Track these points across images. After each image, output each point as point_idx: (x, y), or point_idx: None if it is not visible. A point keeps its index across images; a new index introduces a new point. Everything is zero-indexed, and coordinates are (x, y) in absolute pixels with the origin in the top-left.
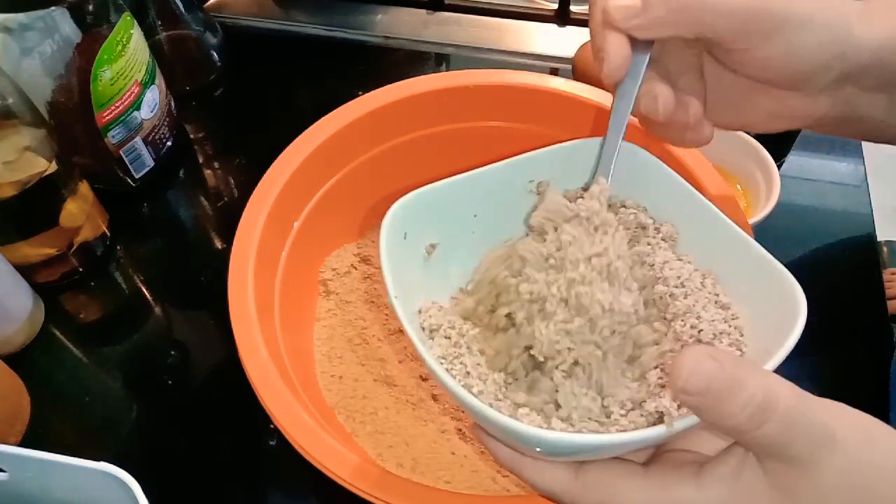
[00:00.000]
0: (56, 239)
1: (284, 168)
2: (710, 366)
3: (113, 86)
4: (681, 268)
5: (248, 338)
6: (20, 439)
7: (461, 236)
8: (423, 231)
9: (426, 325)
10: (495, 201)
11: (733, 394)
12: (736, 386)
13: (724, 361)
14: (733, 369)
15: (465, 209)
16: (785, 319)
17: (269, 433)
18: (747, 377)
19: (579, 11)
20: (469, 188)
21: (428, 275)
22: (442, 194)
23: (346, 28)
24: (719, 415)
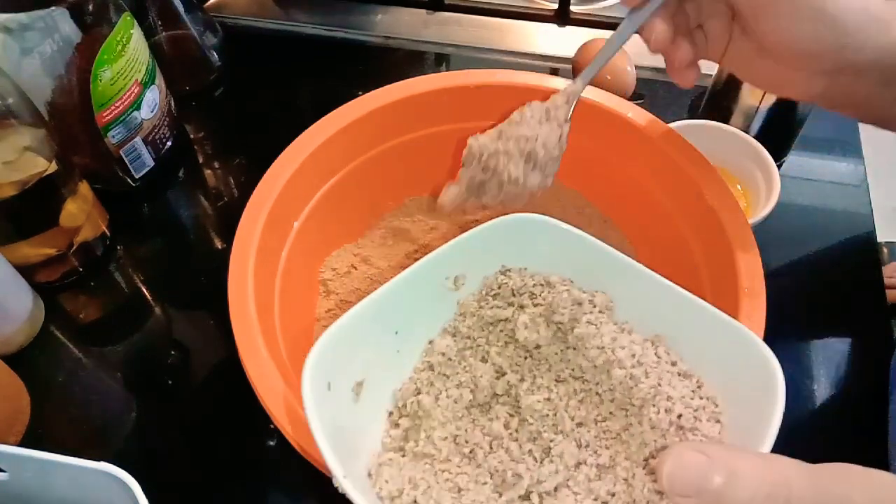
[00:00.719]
0: (56, 239)
1: (284, 168)
2: (695, 459)
3: (113, 86)
4: (631, 343)
5: (248, 338)
6: (20, 439)
7: (386, 359)
8: (346, 372)
9: (384, 493)
10: (412, 309)
11: (736, 485)
12: (736, 475)
13: (712, 453)
14: (726, 456)
15: (385, 330)
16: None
17: (269, 433)
18: (744, 463)
19: (579, 11)
20: (382, 308)
21: (361, 416)
22: (354, 325)
23: (346, 28)
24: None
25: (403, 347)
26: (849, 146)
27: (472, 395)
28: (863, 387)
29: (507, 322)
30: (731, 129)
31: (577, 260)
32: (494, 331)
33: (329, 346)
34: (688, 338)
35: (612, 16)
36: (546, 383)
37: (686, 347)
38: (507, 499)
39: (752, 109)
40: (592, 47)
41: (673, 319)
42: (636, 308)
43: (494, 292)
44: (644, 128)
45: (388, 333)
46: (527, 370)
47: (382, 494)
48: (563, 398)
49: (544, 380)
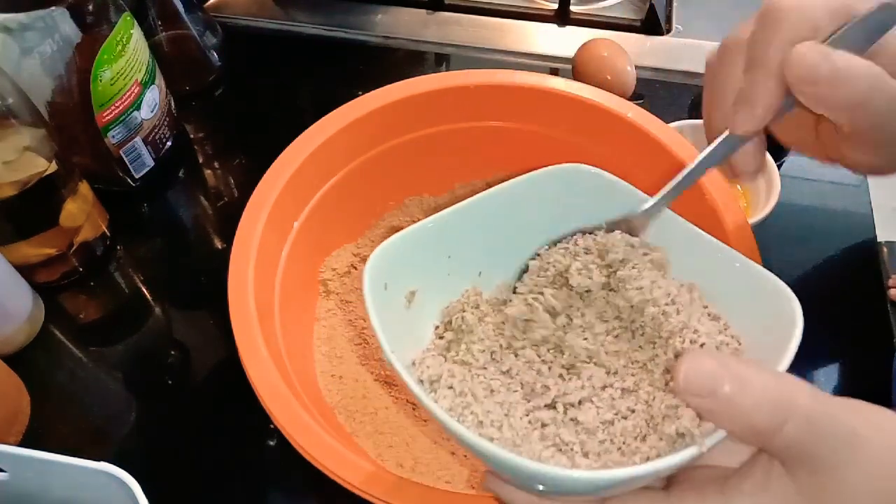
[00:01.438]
0: (56, 239)
1: (284, 168)
2: (710, 364)
3: (113, 86)
4: (668, 285)
5: (248, 338)
6: (20, 439)
7: (438, 279)
8: (402, 279)
9: (425, 377)
10: (468, 240)
11: (744, 392)
12: (745, 383)
13: (726, 360)
14: (737, 366)
15: (440, 251)
16: (781, 326)
17: (269, 433)
18: (754, 374)
19: (579, 11)
20: (441, 230)
21: (411, 323)
22: (415, 239)
23: (346, 28)
24: (736, 417)
25: (454, 271)
26: None
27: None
28: (863, 387)
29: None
30: None
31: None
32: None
33: (389, 252)
34: (719, 285)
35: (613, 16)
36: (589, 323)
37: (718, 294)
38: (533, 405)
39: None
40: (592, 47)
41: (706, 267)
42: (675, 256)
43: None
44: (644, 128)
45: (442, 256)
46: (576, 311)
47: (423, 377)
48: (600, 335)
49: (588, 318)
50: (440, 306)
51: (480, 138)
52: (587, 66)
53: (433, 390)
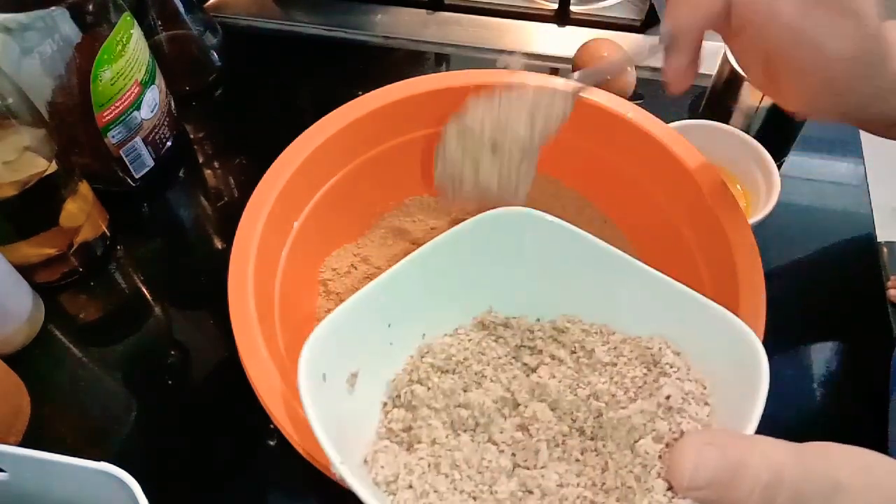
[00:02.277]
0: (56, 239)
1: (284, 168)
2: (713, 456)
3: (113, 86)
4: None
5: (248, 338)
6: (20, 439)
7: (380, 352)
8: (340, 363)
9: (381, 479)
10: (405, 303)
11: (740, 478)
12: (741, 470)
13: (725, 446)
14: (735, 453)
15: (378, 322)
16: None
17: (269, 433)
18: (748, 457)
19: (579, 11)
20: (374, 301)
21: (357, 409)
22: (348, 316)
23: (346, 28)
24: (734, 499)
25: (396, 340)
26: (849, 146)
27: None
28: (863, 387)
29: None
30: (731, 129)
31: (570, 255)
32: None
33: (323, 338)
34: (675, 323)
35: (613, 16)
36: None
37: (674, 333)
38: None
39: (752, 109)
40: (592, 47)
41: (664, 309)
42: (631, 301)
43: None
44: (644, 128)
45: (381, 326)
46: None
47: (378, 480)
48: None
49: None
50: (385, 378)
51: None
52: (587, 66)
53: (391, 492)
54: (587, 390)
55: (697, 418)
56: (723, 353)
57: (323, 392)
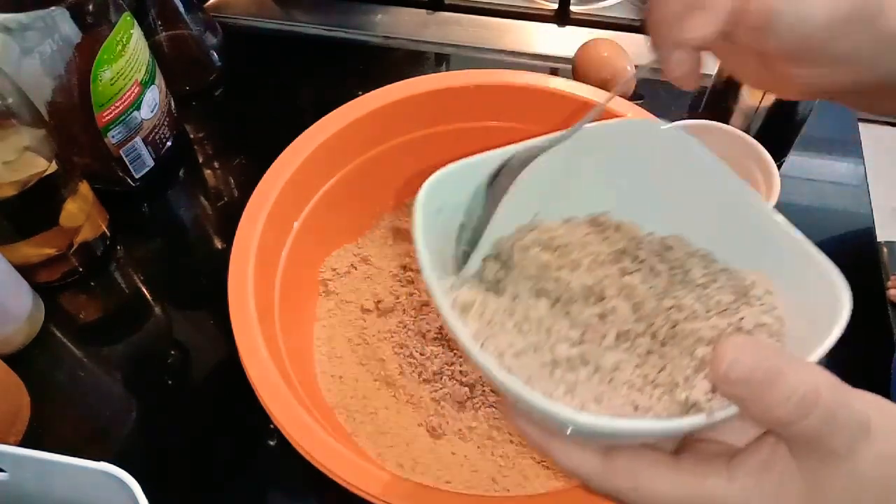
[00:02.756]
0: (56, 239)
1: (284, 168)
2: (752, 355)
3: (113, 86)
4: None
5: (248, 338)
6: (20, 439)
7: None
8: (457, 208)
9: (458, 301)
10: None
11: (776, 385)
12: (779, 377)
13: (767, 351)
14: (776, 360)
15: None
16: (827, 311)
17: (269, 433)
18: (790, 368)
19: (579, 11)
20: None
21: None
22: (473, 171)
23: (346, 28)
24: (762, 406)
25: (511, 211)
26: (849, 146)
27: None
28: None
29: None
30: (731, 129)
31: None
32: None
33: (451, 176)
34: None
35: (613, 16)
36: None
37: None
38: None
39: (751, 109)
40: (592, 47)
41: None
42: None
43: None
44: None
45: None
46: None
47: (455, 302)
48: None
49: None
50: (490, 238)
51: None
52: (587, 66)
53: (463, 315)
54: (671, 302)
55: None
56: (812, 303)
57: (434, 222)
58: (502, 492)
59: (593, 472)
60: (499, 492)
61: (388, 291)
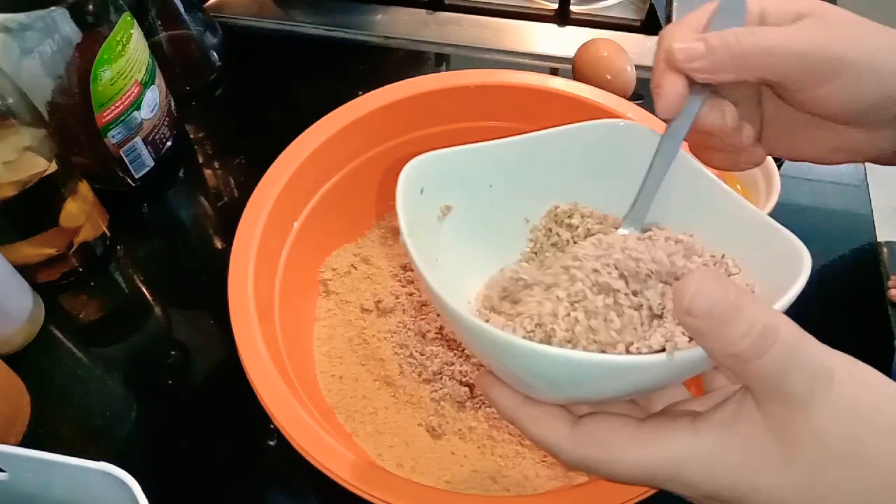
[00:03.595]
0: (56, 239)
1: (284, 168)
2: (714, 288)
3: (113, 86)
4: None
5: (248, 338)
6: (20, 439)
7: (478, 207)
8: (440, 191)
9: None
10: (514, 175)
11: (736, 319)
12: (739, 312)
13: (730, 286)
14: (737, 295)
15: (483, 178)
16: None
17: (269, 433)
18: (750, 305)
19: (579, 11)
20: (489, 158)
21: (438, 235)
22: (461, 159)
23: (346, 28)
24: (721, 340)
25: (494, 203)
26: None
27: None
28: None
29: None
30: None
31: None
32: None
33: (434, 161)
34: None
35: (613, 16)
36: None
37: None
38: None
39: None
40: (592, 47)
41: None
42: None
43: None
44: None
45: (484, 184)
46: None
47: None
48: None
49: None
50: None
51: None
52: (587, 66)
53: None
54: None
55: None
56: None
57: (416, 198)
58: (502, 492)
59: (560, 441)
60: (499, 492)
61: (388, 291)
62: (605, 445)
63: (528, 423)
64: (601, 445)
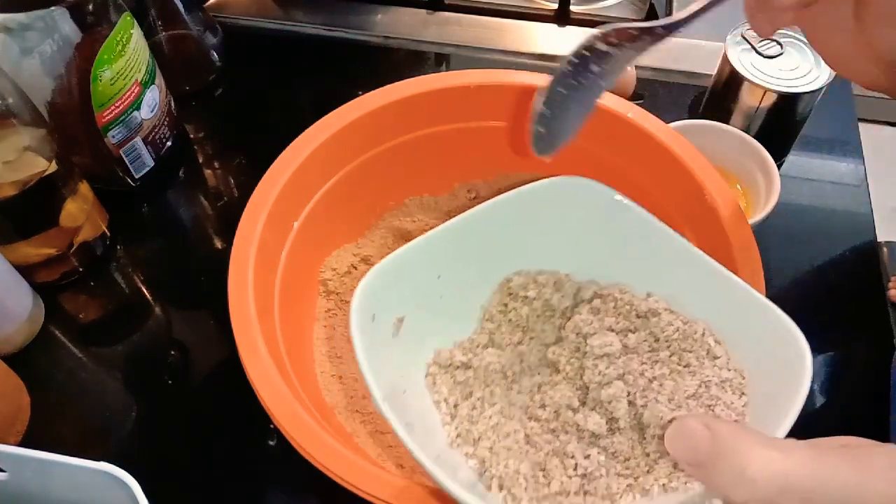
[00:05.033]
0: (56, 239)
1: (284, 168)
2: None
3: (113, 86)
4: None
5: (248, 338)
6: (20, 439)
7: (429, 302)
8: (389, 307)
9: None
10: (459, 258)
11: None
12: (732, 457)
13: (718, 430)
14: (729, 438)
15: (428, 273)
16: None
17: (269, 433)
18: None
19: (579, 11)
20: (429, 250)
21: (399, 351)
22: (400, 264)
23: (346, 28)
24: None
25: (446, 292)
26: (849, 146)
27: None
28: (863, 387)
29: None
30: (731, 129)
31: (618, 230)
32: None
33: (377, 279)
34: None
35: (612, 16)
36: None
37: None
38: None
39: (752, 109)
40: None
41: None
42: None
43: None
44: (644, 128)
45: (431, 277)
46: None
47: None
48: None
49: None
50: (432, 331)
51: (480, 138)
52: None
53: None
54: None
55: (732, 407)
56: (767, 348)
57: (371, 330)
58: None
59: None
60: None
61: None
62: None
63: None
64: None
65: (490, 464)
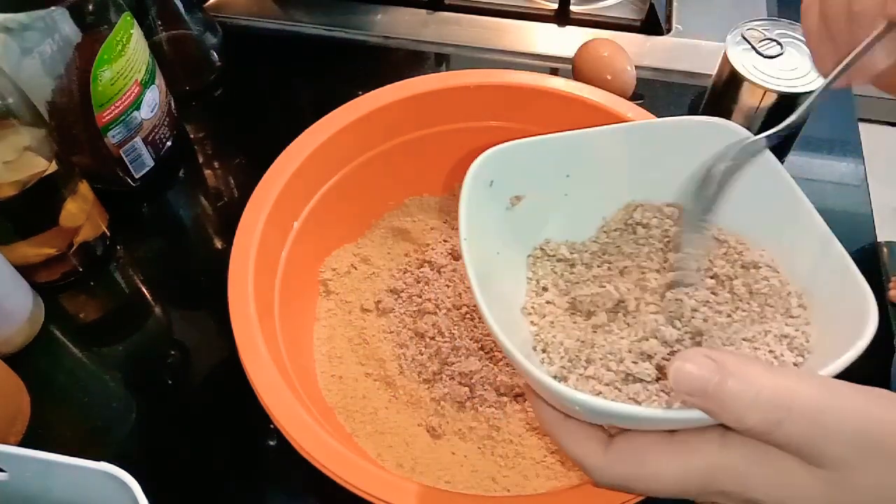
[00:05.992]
0: (56, 239)
1: (284, 168)
2: (701, 367)
3: (113, 86)
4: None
5: (248, 338)
6: (20, 439)
7: (551, 195)
8: (511, 182)
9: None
10: (591, 166)
11: (737, 394)
12: (741, 385)
13: (724, 361)
14: (735, 368)
15: (558, 168)
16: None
17: (269, 433)
18: (752, 376)
19: (579, 11)
20: (565, 148)
21: (508, 226)
22: (536, 149)
23: (346, 28)
24: (730, 416)
25: (571, 193)
26: (849, 146)
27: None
28: None
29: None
30: None
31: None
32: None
33: (506, 153)
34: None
35: (613, 16)
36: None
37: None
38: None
39: (752, 109)
40: (592, 47)
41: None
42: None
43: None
44: None
45: (560, 174)
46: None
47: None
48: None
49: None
50: (548, 221)
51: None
52: (587, 66)
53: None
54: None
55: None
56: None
57: (483, 192)
58: (502, 492)
59: (594, 460)
60: (499, 492)
61: (387, 291)
62: (637, 461)
63: (566, 441)
64: (634, 462)
65: (545, 332)
